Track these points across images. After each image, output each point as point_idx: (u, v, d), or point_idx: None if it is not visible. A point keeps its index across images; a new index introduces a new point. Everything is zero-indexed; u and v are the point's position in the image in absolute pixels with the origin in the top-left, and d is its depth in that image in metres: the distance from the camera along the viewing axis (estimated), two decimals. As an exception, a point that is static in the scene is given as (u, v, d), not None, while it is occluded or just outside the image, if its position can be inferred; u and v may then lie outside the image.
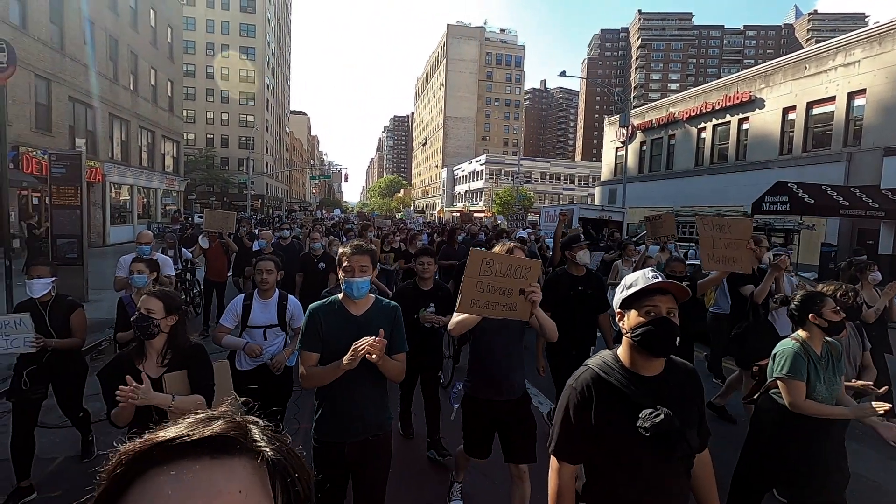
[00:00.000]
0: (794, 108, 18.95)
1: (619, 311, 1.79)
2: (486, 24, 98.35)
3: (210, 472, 0.50)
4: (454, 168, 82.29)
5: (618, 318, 1.79)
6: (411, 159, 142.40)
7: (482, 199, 66.26)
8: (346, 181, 57.01)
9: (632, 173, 26.86)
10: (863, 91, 16.33)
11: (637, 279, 1.73)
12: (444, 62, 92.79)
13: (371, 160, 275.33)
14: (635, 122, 28.08)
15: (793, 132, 19.09)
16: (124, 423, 2.31)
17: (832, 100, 17.41)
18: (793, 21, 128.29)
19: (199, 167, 48.70)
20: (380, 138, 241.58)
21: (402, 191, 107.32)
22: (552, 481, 1.81)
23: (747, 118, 21.24)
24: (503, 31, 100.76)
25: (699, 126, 23.98)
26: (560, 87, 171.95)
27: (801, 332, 2.80)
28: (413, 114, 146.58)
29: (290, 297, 3.86)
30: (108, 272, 8.41)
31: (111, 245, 22.02)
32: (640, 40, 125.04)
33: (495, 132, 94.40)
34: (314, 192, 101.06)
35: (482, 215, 47.82)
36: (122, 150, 24.65)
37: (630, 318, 1.72)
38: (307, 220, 17.78)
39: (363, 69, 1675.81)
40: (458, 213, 44.76)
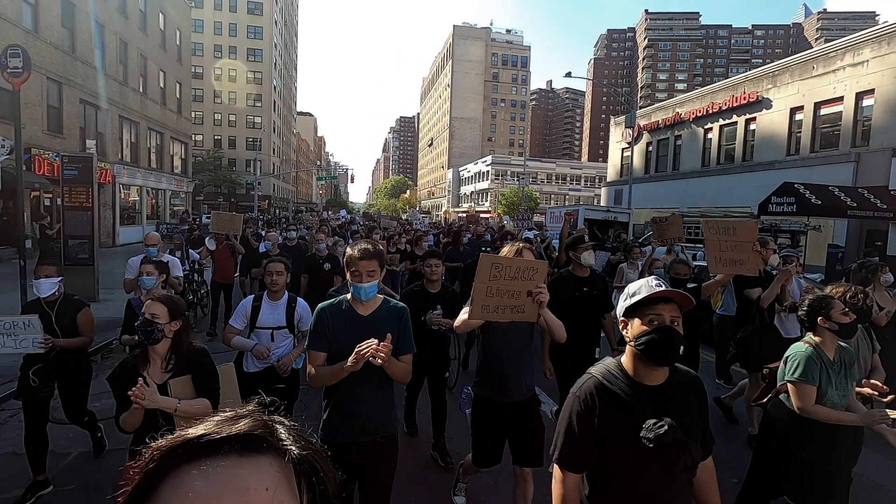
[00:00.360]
0: (801, 108, 18.81)
1: (622, 319, 1.78)
2: (491, 24, 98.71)
3: (239, 469, 0.51)
4: (460, 169, 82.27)
5: (621, 327, 1.80)
6: (417, 160, 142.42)
7: (488, 199, 66.24)
8: (352, 182, 57.20)
9: (638, 174, 26.73)
10: (871, 91, 16.18)
11: (640, 288, 1.73)
12: (450, 63, 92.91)
13: (377, 161, 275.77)
14: (641, 122, 27.98)
15: (800, 133, 18.95)
16: (132, 429, 2.33)
17: (840, 100, 17.27)
18: (802, 20, 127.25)
19: (207, 168, 49.10)
20: (386, 139, 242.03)
21: (407, 191, 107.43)
22: (556, 491, 1.77)
23: (754, 118, 21.10)
24: (509, 31, 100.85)
25: (706, 126, 23.86)
26: (566, 88, 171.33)
27: (813, 336, 2.74)
28: (419, 115, 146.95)
29: (299, 299, 3.88)
30: (118, 272, 8.52)
31: (121, 245, 22.27)
32: (646, 40, 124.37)
33: (501, 133, 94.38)
34: (320, 192, 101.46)
35: (488, 216, 47.82)
36: (132, 151, 24.94)
37: (633, 327, 1.72)
38: (313, 221, 17.84)
39: (369, 70, 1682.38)
40: (465, 214, 44.82)
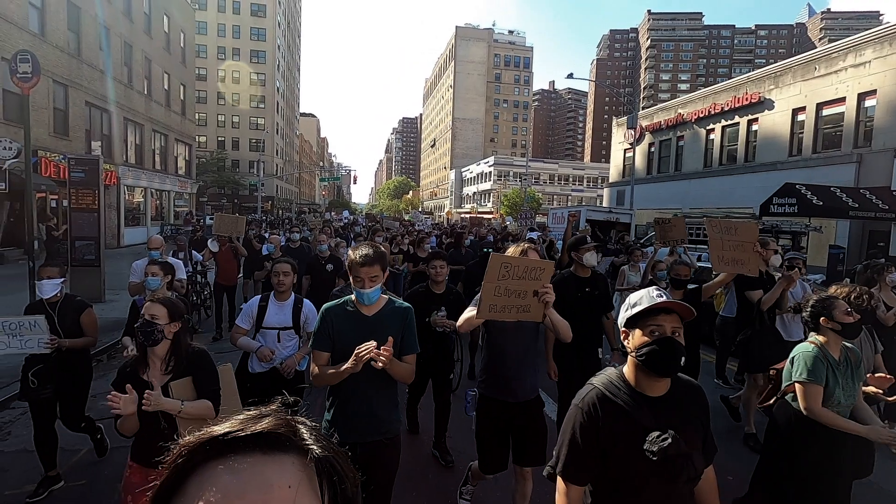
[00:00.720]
0: (803, 109, 18.78)
1: (623, 329, 1.78)
2: (494, 25, 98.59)
3: (262, 467, 0.52)
4: (462, 169, 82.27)
5: (622, 337, 1.80)
6: (420, 161, 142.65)
7: (490, 200, 66.28)
8: (354, 183, 57.12)
9: (640, 175, 26.74)
10: (873, 92, 16.15)
11: (641, 298, 1.72)
12: (453, 64, 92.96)
13: (380, 162, 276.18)
14: (643, 123, 27.98)
15: (802, 133, 18.92)
16: (130, 433, 2.32)
17: (842, 101, 17.23)
18: (805, 20, 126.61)
19: (211, 169, 49.17)
20: (388, 140, 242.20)
21: (410, 192, 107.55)
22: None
23: (756, 119, 21.08)
24: (511, 32, 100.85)
25: (708, 127, 23.84)
26: (569, 88, 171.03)
27: (818, 337, 2.73)
28: (421, 115, 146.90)
29: (305, 300, 3.89)
30: (123, 273, 8.65)
31: (125, 246, 22.42)
32: (649, 41, 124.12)
33: (504, 133, 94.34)
34: (324, 193, 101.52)
35: (490, 217, 47.86)
36: (136, 153, 25.12)
37: (635, 338, 1.72)
38: (316, 222, 17.87)
39: (372, 71, 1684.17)
40: (469, 217, 44.86)
